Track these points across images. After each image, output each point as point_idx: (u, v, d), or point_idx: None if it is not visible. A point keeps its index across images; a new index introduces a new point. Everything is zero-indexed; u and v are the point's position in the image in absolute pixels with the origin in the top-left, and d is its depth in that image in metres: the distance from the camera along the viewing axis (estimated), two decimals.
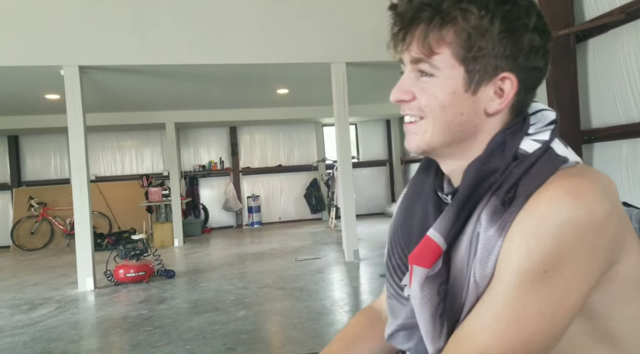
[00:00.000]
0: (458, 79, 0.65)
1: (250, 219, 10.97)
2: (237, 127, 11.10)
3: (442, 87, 0.66)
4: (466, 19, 0.63)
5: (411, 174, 11.77)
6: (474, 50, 0.64)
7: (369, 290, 4.91)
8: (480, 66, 0.65)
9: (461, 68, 0.65)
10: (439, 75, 0.66)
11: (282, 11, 5.78)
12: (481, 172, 0.66)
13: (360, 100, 8.84)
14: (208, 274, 5.96)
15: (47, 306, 4.75)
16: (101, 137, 10.21)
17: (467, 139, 0.69)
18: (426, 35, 0.65)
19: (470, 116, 0.67)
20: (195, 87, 7.04)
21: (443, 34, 0.64)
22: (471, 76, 0.65)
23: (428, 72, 0.66)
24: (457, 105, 0.66)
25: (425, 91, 0.67)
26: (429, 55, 0.65)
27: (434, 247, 0.68)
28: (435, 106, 0.67)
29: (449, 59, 0.65)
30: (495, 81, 0.66)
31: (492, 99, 0.67)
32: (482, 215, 0.65)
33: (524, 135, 0.68)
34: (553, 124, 0.70)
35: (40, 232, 9.34)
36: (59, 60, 5.32)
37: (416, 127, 0.70)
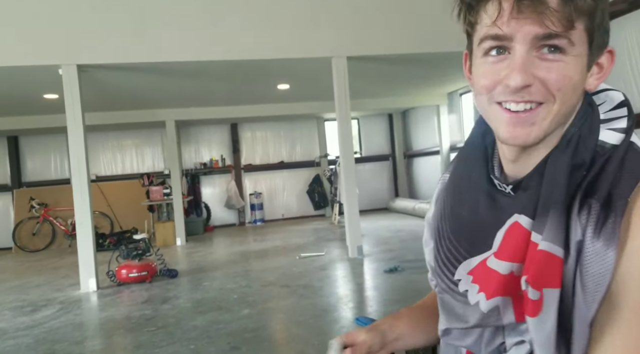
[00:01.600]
0: (585, 56, 0.61)
1: (253, 216, 10.92)
2: (238, 124, 11.04)
3: (575, 66, 0.60)
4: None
5: (414, 168, 11.72)
6: (596, 23, 0.60)
7: (373, 286, 4.86)
8: (600, 40, 0.61)
9: (586, 44, 0.60)
10: (572, 52, 0.59)
11: (282, 6, 5.70)
12: (570, 168, 0.62)
13: (362, 94, 8.77)
14: (211, 273, 5.92)
15: (50, 308, 4.71)
16: (101, 136, 10.17)
17: (563, 124, 0.64)
18: (566, 5, 0.57)
19: (579, 90, 0.63)
20: (195, 84, 6.98)
21: (580, 4, 0.57)
22: (592, 53, 0.61)
23: (562, 48, 0.59)
24: (580, 85, 0.62)
25: (554, 70, 0.59)
26: (567, 29, 0.58)
27: (557, 262, 0.61)
28: (569, 87, 0.60)
29: (582, 34, 0.59)
30: (599, 58, 0.63)
31: (592, 75, 0.63)
32: (582, 221, 0.60)
33: (598, 123, 0.64)
34: (624, 106, 0.65)
35: (42, 233, 9.31)
36: (57, 59, 5.26)
37: (534, 115, 0.61)
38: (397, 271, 5.19)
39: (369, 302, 4.34)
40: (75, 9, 5.29)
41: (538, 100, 0.61)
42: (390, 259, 5.83)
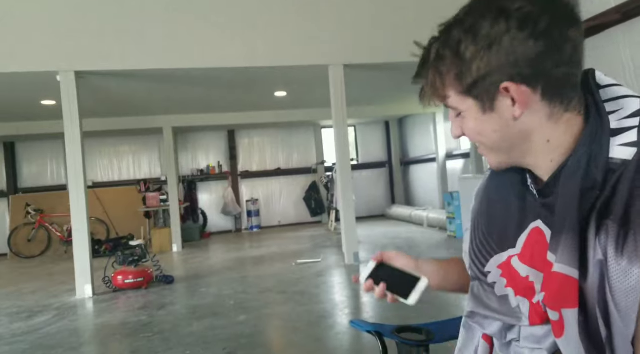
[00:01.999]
0: (473, 108, 0.70)
1: (250, 223, 10.92)
2: (236, 131, 11.07)
3: (468, 120, 0.72)
4: (444, 64, 0.69)
5: (411, 175, 11.78)
6: (465, 81, 0.68)
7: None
8: (481, 89, 0.68)
9: (469, 99, 0.70)
10: (460, 110, 0.72)
11: (279, 14, 5.75)
12: (581, 190, 0.65)
13: (359, 101, 8.82)
14: (207, 279, 5.92)
15: (46, 314, 4.69)
16: (98, 142, 10.17)
17: (521, 145, 0.71)
18: (432, 88, 0.72)
19: (504, 130, 0.70)
20: (193, 90, 7.01)
21: (443, 79, 0.70)
22: (479, 100, 0.69)
23: (456, 110, 0.73)
24: (487, 127, 0.71)
25: (463, 125, 0.74)
26: (444, 100, 0.73)
27: (572, 283, 0.64)
28: (473, 135, 0.73)
29: (457, 97, 0.71)
30: (502, 93, 0.67)
31: (509, 106, 0.68)
32: (602, 242, 0.62)
33: (609, 137, 0.66)
34: (636, 116, 0.66)
35: (38, 240, 9.28)
36: (55, 65, 5.28)
37: (481, 151, 0.77)
38: None
39: (365, 308, 4.35)
40: (73, 15, 5.31)
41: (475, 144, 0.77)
42: None
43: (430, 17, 4.33)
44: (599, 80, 0.72)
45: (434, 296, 4.35)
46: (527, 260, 0.73)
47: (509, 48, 0.64)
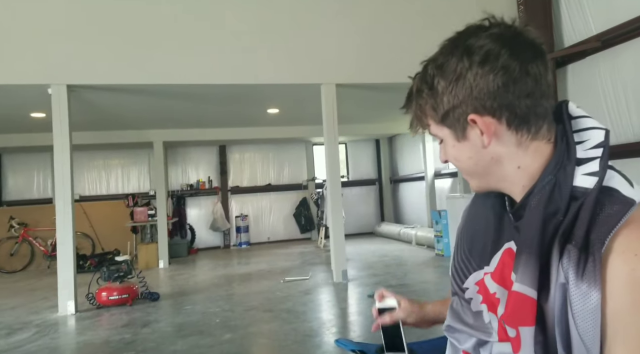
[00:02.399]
0: (449, 136, 0.77)
1: (238, 239, 10.84)
2: (227, 146, 11.05)
3: (447, 146, 0.79)
4: (422, 97, 0.77)
5: (400, 193, 11.82)
6: (439, 112, 0.75)
7: (357, 311, 4.83)
8: (452, 119, 0.74)
9: (444, 128, 0.77)
10: (441, 138, 0.79)
11: (273, 33, 5.80)
12: (545, 217, 0.69)
13: (350, 120, 8.87)
14: (193, 296, 5.83)
15: (26, 331, 4.58)
16: (87, 155, 10.09)
17: (495, 170, 0.76)
18: (417, 118, 0.80)
19: (477, 156, 0.75)
20: (184, 106, 7.00)
21: (420, 112, 0.79)
22: (453, 129, 0.75)
23: (438, 138, 0.80)
24: (462, 154, 0.77)
25: (444, 152, 0.81)
26: (426, 128, 0.80)
27: (529, 302, 0.67)
28: (453, 161, 0.80)
29: (436, 126, 0.78)
30: (471, 124, 0.73)
31: (479, 136, 0.73)
32: (564, 266, 0.65)
33: (574, 165, 0.70)
34: (600, 147, 0.70)
35: (20, 254, 9.10)
36: (47, 79, 5.27)
37: (464, 176, 0.83)
38: None
39: (352, 327, 4.31)
40: (66, 29, 5.32)
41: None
42: (375, 284, 5.81)
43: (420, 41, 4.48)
44: (571, 111, 0.75)
45: None
46: (497, 278, 0.76)
47: (473, 82, 0.70)
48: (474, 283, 0.81)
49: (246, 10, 5.76)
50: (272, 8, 5.83)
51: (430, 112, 0.77)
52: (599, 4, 5.51)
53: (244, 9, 5.76)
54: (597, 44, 5.45)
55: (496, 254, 0.78)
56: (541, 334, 0.66)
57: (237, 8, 5.74)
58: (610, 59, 5.43)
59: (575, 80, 5.97)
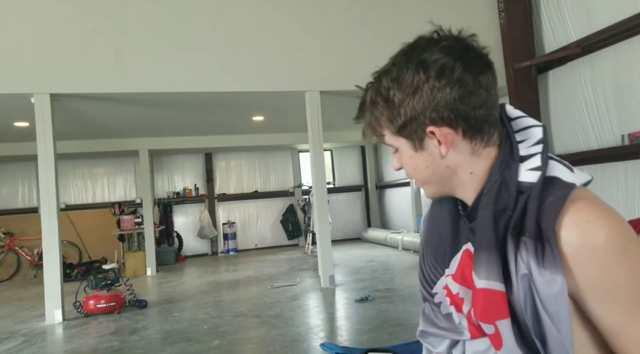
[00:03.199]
0: (405, 146, 0.79)
1: (226, 246, 10.84)
2: (213, 154, 11.07)
3: (403, 156, 0.81)
4: (377, 108, 0.78)
5: (386, 199, 11.92)
6: (396, 123, 0.77)
7: (345, 316, 4.90)
8: (410, 130, 0.76)
9: (401, 138, 0.78)
10: (396, 147, 0.81)
11: (257, 41, 5.88)
12: (495, 214, 0.73)
13: (335, 126, 8.96)
14: (181, 303, 5.85)
15: (13, 340, 4.57)
16: (72, 164, 10.03)
17: (450, 178, 0.79)
18: (371, 127, 0.82)
19: (434, 165, 0.78)
20: (170, 114, 7.04)
21: (374, 123, 0.81)
22: (410, 140, 0.78)
23: (392, 147, 0.82)
24: (419, 163, 0.79)
25: (399, 161, 0.82)
26: (381, 138, 0.81)
27: (500, 296, 0.70)
28: (408, 170, 0.82)
29: (392, 137, 0.80)
30: (429, 135, 0.76)
31: (436, 146, 0.76)
32: (524, 258, 0.69)
33: (518, 163, 0.74)
34: (540, 143, 0.75)
35: (6, 263, 9.02)
36: (30, 88, 5.27)
37: (417, 184, 0.85)
38: (368, 300, 5.25)
39: (340, 331, 4.37)
40: (49, 38, 5.33)
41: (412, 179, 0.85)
42: (362, 289, 5.88)
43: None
44: (509, 113, 0.80)
45: (407, 318, 4.41)
46: (458, 279, 0.79)
47: (430, 95, 0.73)
48: (442, 287, 0.84)
49: (229, 19, 5.83)
50: (255, 16, 5.91)
51: (385, 124, 0.79)
52: (578, 11, 5.64)
53: (226, 18, 5.83)
54: (577, 50, 5.57)
55: (455, 256, 0.81)
56: (515, 325, 0.69)
57: (219, 16, 5.81)
58: (590, 65, 5.56)
59: (557, 87, 6.12)
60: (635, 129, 5.06)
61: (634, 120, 5.08)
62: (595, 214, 0.67)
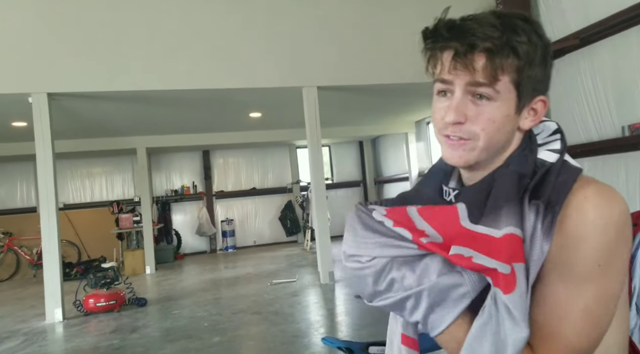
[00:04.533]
0: (512, 102, 0.75)
1: (225, 243, 10.86)
2: (210, 151, 11.06)
3: (499, 111, 0.74)
4: (522, 48, 0.72)
5: (385, 194, 11.92)
6: (525, 76, 0.74)
7: (345, 312, 4.92)
8: (528, 90, 0.75)
9: (515, 92, 0.74)
10: (497, 99, 0.74)
11: (253, 36, 5.87)
12: (517, 176, 0.76)
13: (333, 122, 8.97)
14: (181, 301, 5.87)
15: (14, 339, 4.58)
16: (70, 164, 10.01)
17: (500, 151, 0.79)
18: (492, 63, 0.72)
19: (511, 134, 0.78)
20: (166, 111, 7.03)
21: (505, 62, 0.73)
22: (520, 99, 0.75)
23: (488, 96, 0.74)
24: (507, 126, 0.76)
25: (482, 115, 0.75)
26: (493, 82, 0.73)
27: (518, 241, 0.72)
28: (492, 129, 0.75)
29: (508, 85, 0.74)
30: (533, 102, 0.77)
31: (526, 117, 0.78)
32: (531, 218, 0.73)
33: (536, 146, 0.80)
34: (557, 133, 0.83)
35: (5, 263, 9.02)
36: (27, 87, 5.26)
37: (463, 145, 0.77)
38: None
39: (340, 327, 4.39)
40: (46, 37, 5.32)
41: (468, 136, 0.76)
42: None
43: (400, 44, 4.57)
44: None
45: None
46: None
47: (549, 69, 0.78)
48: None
49: (225, 15, 5.82)
50: (252, 11, 5.90)
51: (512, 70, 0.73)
52: (575, 2, 5.63)
53: (223, 14, 5.82)
54: (576, 41, 5.56)
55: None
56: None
57: (216, 13, 5.80)
58: (589, 56, 5.56)
59: (557, 79, 6.12)
60: (635, 120, 5.07)
61: (634, 111, 5.09)
62: (597, 194, 0.72)
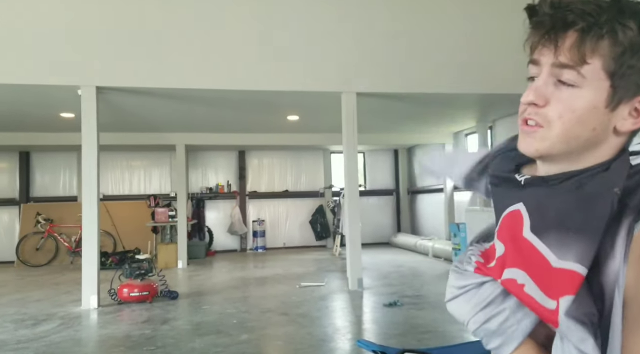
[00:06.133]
0: (602, 93, 0.64)
1: (255, 243, 10.96)
2: (246, 151, 11.22)
3: (583, 100, 0.64)
4: (625, 33, 0.62)
5: (417, 205, 11.79)
6: (625, 66, 0.62)
7: (372, 319, 4.88)
8: (626, 83, 0.63)
9: (607, 82, 0.63)
10: (583, 86, 0.64)
11: (296, 41, 5.94)
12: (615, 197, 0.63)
13: (369, 129, 8.95)
14: (211, 297, 5.95)
15: (51, 322, 4.75)
16: (111, 156, 10.34)
17: (585, 152, 0.67)
18: (582, 43, 0.63)
19: (601, 133, 0.65)
20: (207, 110, 7.17)
21: (599, 44, 0.63)
22: (615, 92, 0.63)
23: (572, 81, 0.64)
24: (593, 120, 0.64)
25: (562, 101, 0.65)
26: (579, 64, 0.63)
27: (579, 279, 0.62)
28: (570, 118, 0.65)
29: (599, 71, 0.63)
30: (635, 101, 0.64)
31: (625, 117, 0.65)
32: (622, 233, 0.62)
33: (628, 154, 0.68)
34: None
35: (45, 249, 9.37)
36: (78, 80, 5.47)
37: (535, 132, 0.68)
38: (397, 305, 5.21)
39: (367, 335, 4.36)
40: (97, 32, 5.52)
41: (542, 122, 0.66)
42: (391, 294, 5.84)
43: (442, 52, 4.55)
44: None
45: (436, 326, 4.36)
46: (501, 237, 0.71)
47: None
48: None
49: (270, 17, 5.91)
50: (296, 16, 5.97)
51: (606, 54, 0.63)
52: None
53: (268, 16, 5.90)
54: None
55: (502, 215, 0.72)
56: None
57: (261, 15, 5.89)
58: None
59: None
60: None
61: None
62: None
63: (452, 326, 4.32)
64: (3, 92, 5.81)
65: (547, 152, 0.67)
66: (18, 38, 5.32)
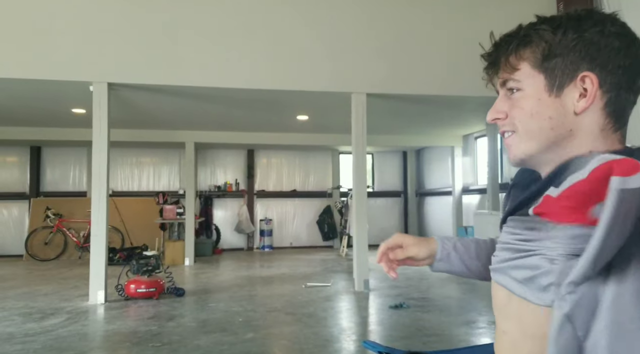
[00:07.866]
0: (540, 86, 0.71)
1: (262, 242, 10.98)
2: (255, 150, 11.24)
3: (527, 97, 0.73)
4: (540, 35, 0.71)
5: (425, 207, 11.74)
6: (551, 57, 0.70)
7: (377, 321, 4.86)
8: (559, 70, 0.70)
9: (541, 75, 0.71)
10: (524, 87, 0.73)
11: (307, 40, 5.93)
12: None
13: (378, 130, 8.93)
14: (217, 294, 5.96)
15: (58, 316, 4.78)
16: (120, 152, 10.40)
17: (563, 142, 0.71)
18: (508, 57, 0.74)
19: (560, 119, 0.70)
20: (217, 108, 7.19)
21: (521, 52, 0.73)
22: (551, 80, 0.70)
23: (514, 87, 0.74)
24: (544, 110, 0.71)
25: (515, 105, 0.74)
26: (512, 73, 0.74)
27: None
28: (523, 116, 0.73)
29: (529, 71, 0.72)
30: (576, 82, 0.69)
31: (577, 99, 0.69)
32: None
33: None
34: None
35: (54, 243, 9.45)
36: (90, 76, 5.50)
37: (511, 139, 0.76)
38: (403, 307, 5.19)
39: (372, 336, 4.34)
40: (109, 29, 5.55)
41: (511, 129, 0.75)
42: (396, 296, 5.82)
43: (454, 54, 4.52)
44: None
45: (442, 329, 4.34)
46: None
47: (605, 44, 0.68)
48: None
49: (280, 18, 5.91)
50: (306, 16, 5.97)
51: (530, 55, 0.72)
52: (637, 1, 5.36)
53: (278, 17, 5.91)
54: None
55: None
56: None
57: (271, 15, 5.90)
58: None
59: None
60: None
61: None
62: None
63: (459, 329, 4.29)
64: (15, 87, 5.87)
65: (525, 155, 0.74)
66: (31, 34, 5.36)
